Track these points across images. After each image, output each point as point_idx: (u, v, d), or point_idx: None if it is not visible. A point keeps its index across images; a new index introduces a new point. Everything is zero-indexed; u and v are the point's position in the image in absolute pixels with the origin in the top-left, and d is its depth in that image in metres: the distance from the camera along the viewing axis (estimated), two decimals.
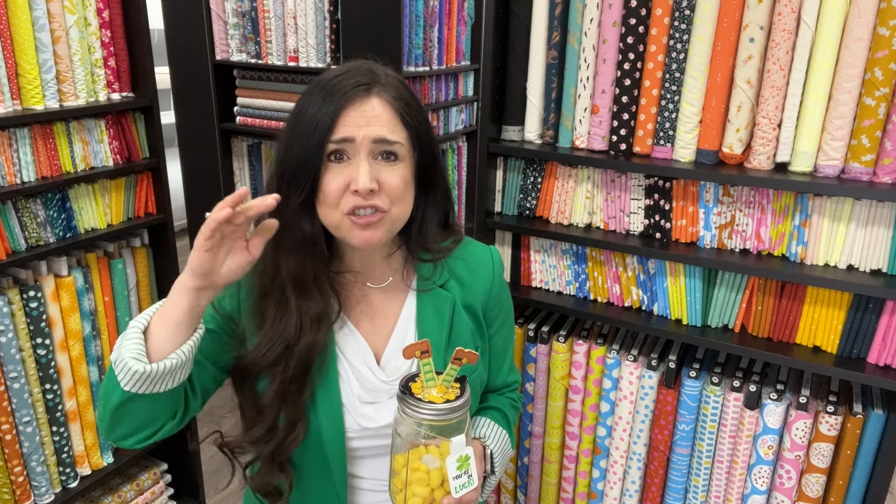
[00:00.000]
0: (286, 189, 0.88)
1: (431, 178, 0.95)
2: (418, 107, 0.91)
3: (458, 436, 0.83)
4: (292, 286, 0.90)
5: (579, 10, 1.41)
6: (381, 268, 1.00)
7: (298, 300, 0.91)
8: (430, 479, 0.84)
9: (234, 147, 3.07)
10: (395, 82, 0.89)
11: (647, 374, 1.50)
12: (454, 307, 0.99)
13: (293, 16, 2.63)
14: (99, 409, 0.86)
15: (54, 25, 1.46)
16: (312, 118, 0.85)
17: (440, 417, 0.82)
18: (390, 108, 0.87)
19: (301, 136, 0.86)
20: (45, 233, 1.50)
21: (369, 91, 0.86)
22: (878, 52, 1.18)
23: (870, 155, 1.24)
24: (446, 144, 3.16)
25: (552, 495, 1.74)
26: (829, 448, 1.39)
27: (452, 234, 1.03)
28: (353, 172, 0.85)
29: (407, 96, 0.89)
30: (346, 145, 0.85)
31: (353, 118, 0.85)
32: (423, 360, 0.84)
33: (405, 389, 0.85)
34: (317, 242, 0.92)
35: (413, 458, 0.84)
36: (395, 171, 0.87)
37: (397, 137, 0.87)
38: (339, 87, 0.85)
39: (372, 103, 0.86)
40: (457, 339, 1.00)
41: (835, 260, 1.34)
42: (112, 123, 1.62)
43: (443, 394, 0.84)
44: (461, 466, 0.84)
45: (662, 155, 1.41)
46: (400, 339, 0.99)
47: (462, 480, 0.84)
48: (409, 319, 1.00)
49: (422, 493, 0.85)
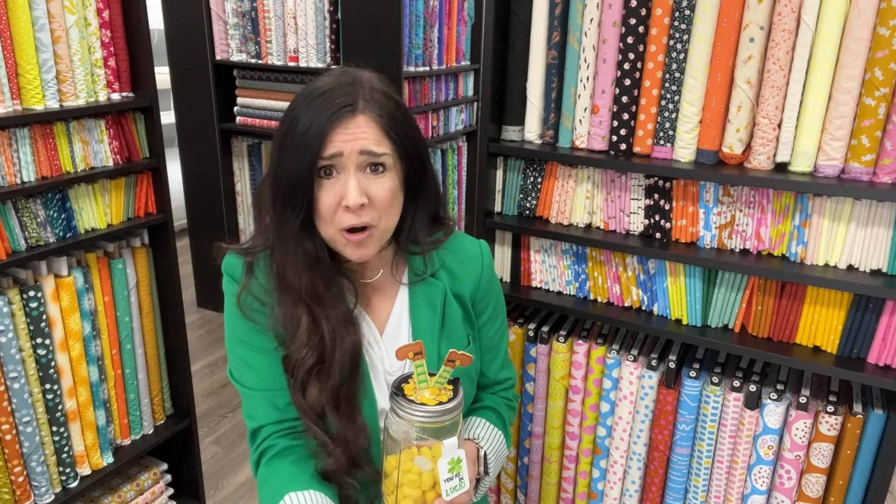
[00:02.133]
0: (283, 208, 0.91)
1: (420, 185, 0.98)
2: (404, 118, 0.93)
3: (450, 438, 0.83)
4: (311, 299, 0.93)
5: (579, 10, 1.41)
6: (373, 265, 1.02)
7: (323, 310, 0.93)
8: (421, 480, 0.84)
9: (234, 147, 3.07)
10: (380, 96, 0.91)
11: (647, 374, 1.50)
12: (445, 295, 1.02)
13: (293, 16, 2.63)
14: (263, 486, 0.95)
15: (54, 25, 1.46)
16: (301, 137, 0.87)
17: (432, 419, 0.82)
18: (375, 125, 0.89)
19: (292, 153, 0.88)
20: (45, 233, 1.50)
21: (354, 111, 0.88)
22: (878, 52, 1.18)
23: (870, 155, 1.24)
24: (446, 144, 3.16)
25: (552, 495, 1.74)
26: (829, 448, 1.39)
27: (443, 227, 1.05)
28: (343, 188, 0.88)
29: (391, 109, 0.91)
30: (334, 160, 0.88)
31: (341, 136, 0.87)
32: (416, 362, 0.84)
33: (397, 391, 0.85)
34: (321, 258, 0.95)
35: (404, 460, 0.84)
36: (383, 183, 0.90)
37: (384, 150, 0.89)
38: (324, 106, 0.87)
39: (357, 121, 0.88)
40: (449, 326, 1.02)
41: (835, 260, 1.34)
42: (112, 123, 1.62)
43: (435, 396, 0.84)
44: (452, 469, 0.84)
45: (662, 155, 1.41)
46: (393, 331, 1.01)
47: (453, 483, 0.84)
48: (402, 312, 1.02)
49: (413, 495, 0.84)
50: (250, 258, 0.99)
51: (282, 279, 0.94)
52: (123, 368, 1.76)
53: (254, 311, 0.97)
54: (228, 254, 1.01)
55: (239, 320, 0.97)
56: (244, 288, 0.97)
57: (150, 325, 1.83)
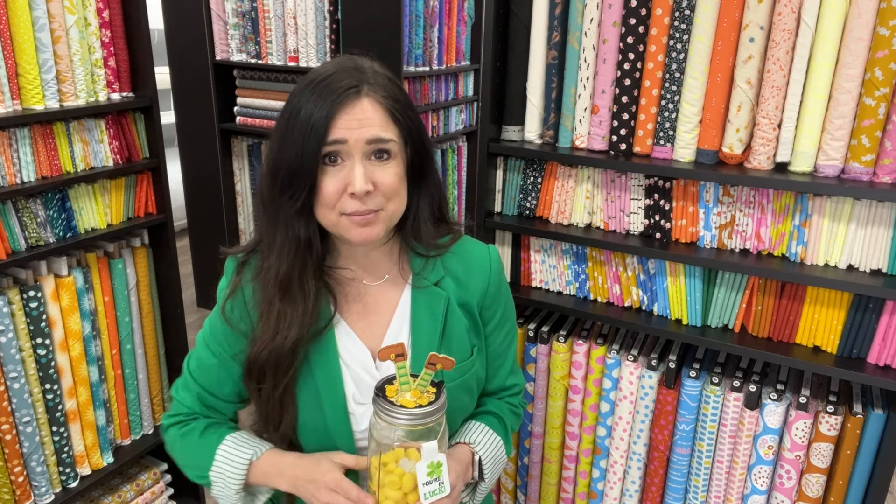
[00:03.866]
0: (280, 193, 0.89)
1: (424, 171, 0.96)
2: (407, 102, 0.92)
3: (430, 442, 0.82)
4: (277, 289, 0.93)
5: (579, 10, 1.41)
6: (379, 265, 1.01)
7: (281, 303, 0.93)
8: (402, 483, 0.83)
9: (234, 147, 3.07)
10: (384, 79, 0.90)
11: (647, 374, 1.50)
12: (448, 305, 0.99)
13: (293, 16, 2.63)
14: (173, 451, 1.04)
15: (54, 25, 1.46)
16: (305, 122, 0.86)
17: (412, 422, 0.81)
18: (381, 108, 0.88)
19: (295, 140, 0.86)
20: (45, 233, 1.50)
21: (359, 93, 0.87)
22: (878, 52, 1.18)
23: (870, 155, 1.24)
24: (446, 144, 3.16)
25: (552, 495, 1.74)
26: (829, 448, 1.39)
27: (450, 232, 1.03)
28: (348, 175, 0.87)
29: (396, 93, 0.90)
30: (339, 147, 0.86)
31: (346, 121, 0.86)
32: (397, 364, 0.84)
33: (380, 392, 0.84)
34: (312, 244, 0.93)
35: (386, 461, 0.84)
36: (389, 169, 0.89)
37: (390, 135, 0.88)
38: (328, 90, 0.86)
39: (363, 104, 0.87)
40: (451, 336, 1.00)
41: (835, 260, 1.34)
42: (112, 123, 1.62)
43: (417, 398, 0.83)
44: (432, 473, 0.83)
45: (662, 155, 1.41)
46: (394, 335, 0.99)
47: (432, 487, 0.83)
48: (404, 318, 1.00)
49: (394, 497, 0.84)
50: (244, 258, 0.99)
51: (263, 268, 0.94)
52: (123, 368, 1.76)
53: (233, 310, 0.97)
54: (229, 258, 1.01)
55: (219, 321, 0.99)
56: (235, 288, 0.97)
57: (150, 325, 1.83)
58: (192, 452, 1.00)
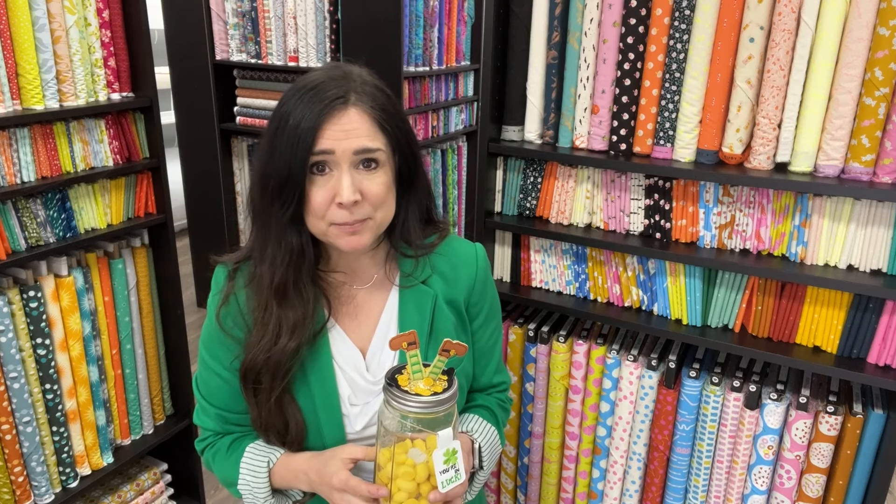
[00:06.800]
0: (271, 203, 0.90)
1: (412, 178, 0.97)
2: (395, 110, 0.92)
3: (446, 429, 0.82)
4: (273, 295, 0.93)
5: (579, 10, 1.41)
6: (367, 268, 1.01)
7: (279, 309, 0.93)
8: (416, 473, 0.83)
9: (234, 147, 3.07)
10: (372, 88, 0.90)
11: (647, 374, 1.50)
12: (435, 302, 1.00)
13: (293, 16, 2.63)
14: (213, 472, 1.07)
15: (54, 25, 1.46)
16: (293, 132, 0.86)
17: (427, 410, 0.81)
18: (368, 118, 0.88)
19: (283, 149, 0.87)
20: (45, 233, 1.50)
21: (346, 102, 0.87)
22: (878, 52, 1.18)
23: (870, 155, 1.24)
24: (446, 144, 3.16)
25: (552, 495, 1.74)
26: (829, 448, 1.39)
27: (436, 231, 1.04)
28: (336, 185, 0.87)
29: (384, 101, 0.90)
30: (326, 157, 0.86)
31: (333, 131, 0.86)
32: (409, 352, 0.84)
33: (391, 381, 0.84)
34: (304, 252, 0.94)
35: (399, 452, 0.83)
36: (377, 178, 0.89)
37: (377, 145, 0.88)
38: (316, 99, 0.86)
39: (350, 114, 0.87)
40: (438, 334, 1.00)
41: (835, 260, 1.34)
42: (112, 123, 1.62)
43: (430, 386, 0.83)
44: (448, 460, 0.83)
45: (662, 155, 1.41)
46: (383, 336, 1.00)
47: (449, 475, 0.83)
48: (391, 316, 1.01)
49: (407, 488, 0.84)
50: (235, 265, 0.99)
51: (256, 274, 0.95)
52: (123, 368, 1.76)
53: (227, 317, 0.97)
54: (218, 266, 1.01)
55: (214, 331, 0.99)
56: (228, 294, 0.97)
57: (150, 325, 1.83)
58: (223, 470, 1.02)
